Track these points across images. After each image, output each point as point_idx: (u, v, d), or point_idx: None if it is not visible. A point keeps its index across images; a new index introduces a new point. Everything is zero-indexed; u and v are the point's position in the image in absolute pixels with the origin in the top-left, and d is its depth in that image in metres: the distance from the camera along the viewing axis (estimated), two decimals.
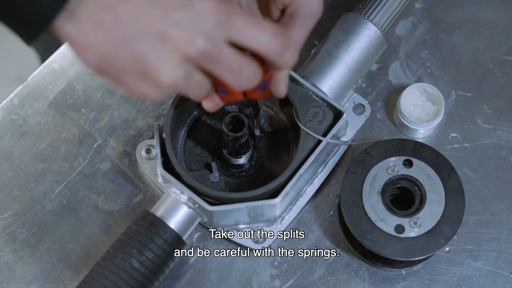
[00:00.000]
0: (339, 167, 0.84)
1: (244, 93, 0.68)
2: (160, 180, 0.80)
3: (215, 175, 0.80)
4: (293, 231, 0.81)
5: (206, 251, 0.80)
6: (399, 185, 0.78)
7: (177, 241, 0.74)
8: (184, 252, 0.75)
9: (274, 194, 0.75)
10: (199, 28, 0.55)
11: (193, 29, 0.55)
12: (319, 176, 0.82)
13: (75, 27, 0.55)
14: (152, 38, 0.55)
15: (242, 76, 0.60)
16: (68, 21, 0.55)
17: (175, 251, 0.74)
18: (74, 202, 0.83)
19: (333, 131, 0.77)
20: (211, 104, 0.68)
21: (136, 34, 0.54)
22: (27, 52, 1.27)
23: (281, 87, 0.68)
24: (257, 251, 0.80)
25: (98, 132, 0.86)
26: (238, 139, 0.76)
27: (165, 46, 0.55)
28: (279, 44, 0.59)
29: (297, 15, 0.66)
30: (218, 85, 0.66)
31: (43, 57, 1.23)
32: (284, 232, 0.81)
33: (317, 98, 0.78)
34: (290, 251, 0.81)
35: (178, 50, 0.55)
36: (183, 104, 0.77)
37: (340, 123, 0.78)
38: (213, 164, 0.80)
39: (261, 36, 0.58)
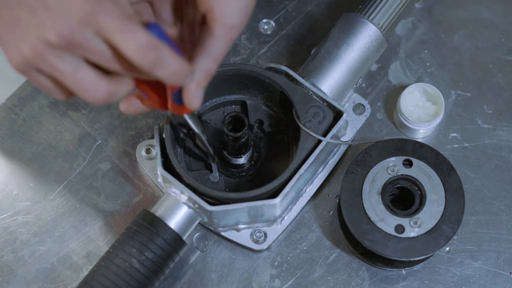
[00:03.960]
0: (339, 167, 0.84)
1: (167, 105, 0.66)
2: (160, 180, 0.80)
3: (215, 175, 0.80)
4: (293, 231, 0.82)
5: (206, 251, 0.80)
6: (399, 185, 0.78)
7: (177, 241, 0.74)
8: (184, 252, 0.75)
9: (274, 194, 0.75)
10: (64, 16, 0.55)
11: (58, 16, 0.55)
12: (319, 176, 0.82)
13: None
14: (24, 9, 0.56)
15: (115, 66, 0.58)
16: None
17: (175, 251, 0.74)
18: (74, 202, 0.83)
19: (333, 131, 0.77)
20: (124, 104, 0.67)
21: (14, 1, 0.57)
22: None
23: (190, 99, 0.64)
24: (257, 251, 0.80)
25: (98, 132, 0.86)
26: (238, 139, 0.76)
27: (32, 20, 0.56)
28: (148, 57, 0.56)
29: (215, 26, 0.62)
30: (137, 86, 0.63)
31: None
32: (284, 232, 0.81)
33: (317, 98, 0.78)
34: (290, 251, 0.81)
35: (39, 30, 0.56)
36: None
37: (340, 123, 0.78)
38: (213, 164, 0.80)
39: (128, 43, 0.56)
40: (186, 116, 0.72)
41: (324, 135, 0.77)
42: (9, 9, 0.57)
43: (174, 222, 0.74)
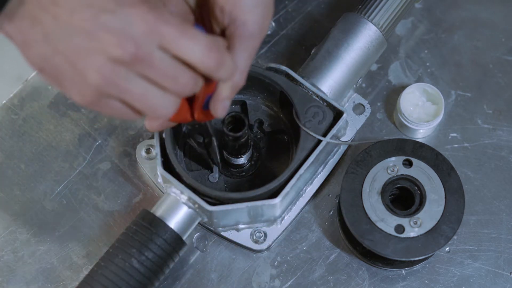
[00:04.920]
0: (339, 167, 0.84)
1: (193, 114, 0.66)
2: (160, 180, 0.80)
3: (215, 175, 0.80)
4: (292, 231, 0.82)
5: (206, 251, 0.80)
6: (399, 185, 0.78)
7: (177, 241, 0.74)
8: (184, 252, 0.75)
9: (274, 194, 0.75)
10: (127, 33, 0.55)
11: (121, 33, 0.55)
12: (319, 176, 0.82)
13: (14, 26, 0.57)
14: (82, 37, 0.56)
15: (179, 80, 0.58)
16: (8, 21, 0.57)
17: (175, 251, 0.74)
18: (74, 202, 0.83)
19: (333, 131, 0.77)
20: (155, 124, 0.66)
21: (69, 32, 0.56)
22: None
23: (218, 107, 0.64)
24: (257, 251, 0.80)
25: (98, 132, 0.86)
26: (238, 139, 0.76)
27: (93, 46, 0.56)
28: (213, 58, 0.58)
29: (236, 37, 0.63)
30: None
31: None
32: (284, 232, 0.81)
33: (317, 98, 0.78)
34: (290, 251, 0.81)
35: (105, 52, 0.56)
36: None
37: (340, 123, 0.78)
38: (215, 167, 0.80)
39: (193, 48, 0.57)
40: (208, 124, 0.73)
41: (324, 135, 0.77)
42: (66, 42, 0.56)
43: (174, 222, 0.74)
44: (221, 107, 0.64)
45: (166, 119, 0.62)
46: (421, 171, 0.77)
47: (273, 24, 0.91)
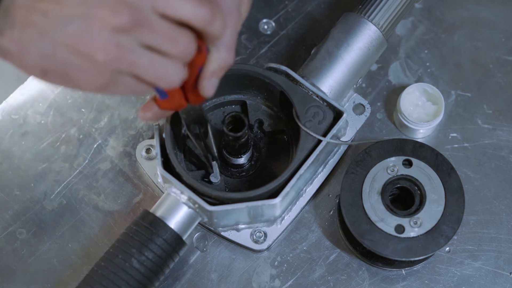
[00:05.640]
0: (339, 167, 0.84)
1: (186, 98, 0.66)
2: (160, 180, 0.80)
3: (216, 176, 0.80)
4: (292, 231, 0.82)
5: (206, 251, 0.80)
6: (399, 185, 0.78)
7: (177, 241, 0.74)
8: (184, 252, 0.75)
9: (274, 194, 0.75)
10: (119, 1, 0.56)
11: (114, 3, 0.56)
12: (319, 176, 0.82)
13: (6, 38, 0.57)
14: (79, 22, 0.56)
15: (179, 42, 0.59)
16: None
17: (175, 251, 0.74)
18: (74, 202, 0.83)
19: (333, 131, 0.77)
20: (148, 113, 0.67)
21: (63, 22, 0.56)
22: None
23: (205, 84, 0.64)
24: (257, 251, 0.80)
25: (98, 132, 0.86)
26: (238, 139, 0.76)
27: (92, 25, 0.56)
28: (206, 10, 0.58)
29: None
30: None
31: None
32: (284, 232, 0.81)
33: (317, 98, 0.78)
34: (290, 251, 0.81)
35: (105, 25, 0.56)
36: None
37: (340, 123, 0.78)
38: (214, 164, 0.80)
39: (184, 3, 0.58)
40: (202, 109, 0.72)
41: (324, 135, 0.77)
42: (63, 31, 0.56)
43: (174, 222, 0.74)
44: (208, 84, 0.64)
45: (176, 85, 0.61)
46: (421, 171, 0.77)
47: (273, 24, 0.91)
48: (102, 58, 0.56)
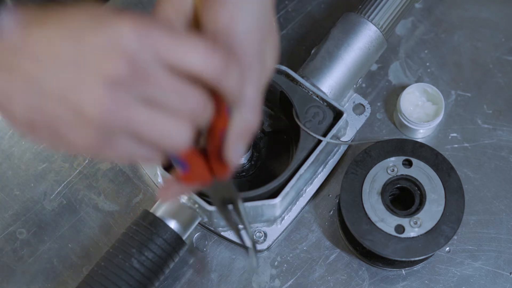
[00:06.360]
0: (339, 167, 0.84)
1: (211, 170, 0.56)
2: (160, 180, 0.80)
3: (253, 261, 0.78)
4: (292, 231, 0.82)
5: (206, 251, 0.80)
6: (398, 185, 0.78)
7: (177, 241, 0.74)
8: (184, 252, 0.75)
9: (274, 194, 0.75)
10: (117, 47, 0.48)
11: (111, 49, 0.48)
12: (319, 176, 0.82)
13: None
14: (70, 69, 0.48)
15: (187, 96, 0.50)
16: None
17: (175, 251, 0.74)
18: (74, 202, 0.83)
19: (333, 131, 0.77)
20: (169, 193, 0.58)
21: (53, 69, 0.49)
22: None
23: (229, 150, 0.55)
24: (257, 251, 0.80)
25: None
26: None
27: (84, 74, 0.48)
28: (216, 60, 0.49)
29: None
30: (176, 157, 0.54)
31: None
32: (284, 232, 0.81)
33: (317, 98, 0.78)
34: (290, 251, 0.81)
35: (98, 75, 0.48)
36: None
37: (340, 123, 0.78)
38: (249, 249, 0.78)
39: (194, 51, 0.49)
40: (231, 182, 0.61)
41: (324, 135, 0.77)
42: (52, 80, 0.48)
43: (174, 222, 0.74)
44: (233, 151, 0.55)
45: (182, 149, 0.52)
46: (421, 171, 0.77)
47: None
48: (92, 113, 0.48)
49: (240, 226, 0.63)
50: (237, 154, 0.55)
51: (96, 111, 0.48)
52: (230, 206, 0.62)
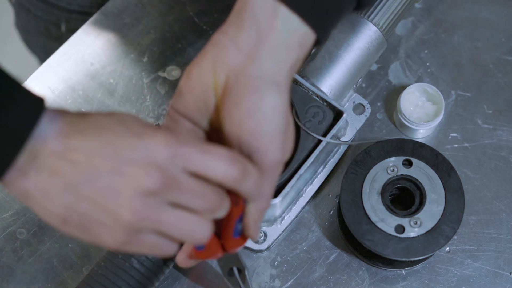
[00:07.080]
0: (339, 167, 0.84)
1: (223, 248, 0.63)
2: None
3: None
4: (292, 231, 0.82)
5: None
6: (399, 185, 0.78)
7: None
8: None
9: (274, 194, 0.75)
10: (152, 162, 0.54)
11: (146, 163, 0.54)
12: (319, 176, 0.82)
13: (31, 181, 0.54)
14: (107, 178, 0.54)
15: (208, 199, 0.57)
16: (22, 177, 0.54)
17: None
18: None
19: (333, 131, 0.77)
20: (187, 262, 0.66)
21: (92, 176, 0.54)
22: (27, 53, 1.27)
23: (250, 227, 0.62)
24: (257, 251, 0.80)
25: None
26: None
27: (120, 183, 0.54)
28: (236, 169, 0.57)
29: (257, 167, 0.60)
30: None
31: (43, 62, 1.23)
32: (284, 232, 0.81)
33: (317, 98, 0.78)
34: (290, 251, 0.81)
35: (135, 185, 0.54)
36: None
37: (340, 123, 0.78)
38: None
39: (216, 163, 0.56)
40: (239, 254, 0.72)
41: (324, 135, 0.77)
42: (90, 186, 0.54)
43: None
44: (254, 231, 0.63)
45: (202, 243, 0.60)
46: (421, 171, 0.77)
47: None
48: (127, 217, 0.54)
49: None
50: (257, 231, 0.63)
51: (129, 217, 0.54)
52: (236, 273, 0.72)
